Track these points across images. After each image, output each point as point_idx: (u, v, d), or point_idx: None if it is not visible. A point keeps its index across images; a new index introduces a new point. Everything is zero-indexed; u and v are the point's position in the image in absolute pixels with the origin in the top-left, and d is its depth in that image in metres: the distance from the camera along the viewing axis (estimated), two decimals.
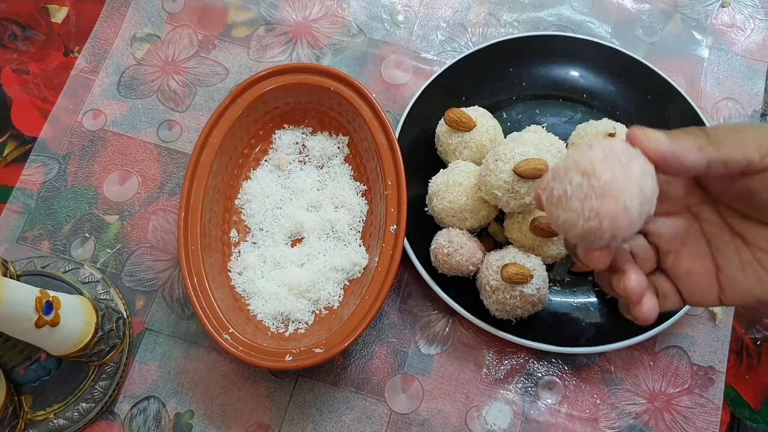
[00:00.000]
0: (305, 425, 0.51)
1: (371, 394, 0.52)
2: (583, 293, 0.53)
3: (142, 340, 0.53)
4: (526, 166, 0.46)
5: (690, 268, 0.36)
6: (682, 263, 0.37)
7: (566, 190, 0.31)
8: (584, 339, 0.51)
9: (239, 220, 0.56)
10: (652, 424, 0.51)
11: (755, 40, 0.64)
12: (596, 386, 0.52)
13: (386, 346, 0.53)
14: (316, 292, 0.52)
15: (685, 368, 0.53)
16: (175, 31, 0.64)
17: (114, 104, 0.61)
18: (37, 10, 0.64)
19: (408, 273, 0.55)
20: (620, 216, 0.30)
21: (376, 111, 0.53)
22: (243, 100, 0.54)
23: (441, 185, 0.51)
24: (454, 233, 0.50)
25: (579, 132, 0.55)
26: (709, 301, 0.36)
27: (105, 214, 0.57)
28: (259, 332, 0.51)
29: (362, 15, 0.64)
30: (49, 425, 0.49)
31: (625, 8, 0.65)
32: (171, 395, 0.52)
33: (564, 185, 0.31)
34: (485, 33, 0.64)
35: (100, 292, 0.53)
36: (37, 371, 0.48)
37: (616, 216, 0.30)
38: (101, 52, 0.63)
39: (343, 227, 0.54)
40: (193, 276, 0.49)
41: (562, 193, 0.31)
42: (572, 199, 0.31)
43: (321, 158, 0.57)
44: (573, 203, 0.31)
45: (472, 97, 0.58)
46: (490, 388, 0.52)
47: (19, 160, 0.59)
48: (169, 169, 0.59)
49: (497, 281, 0.48)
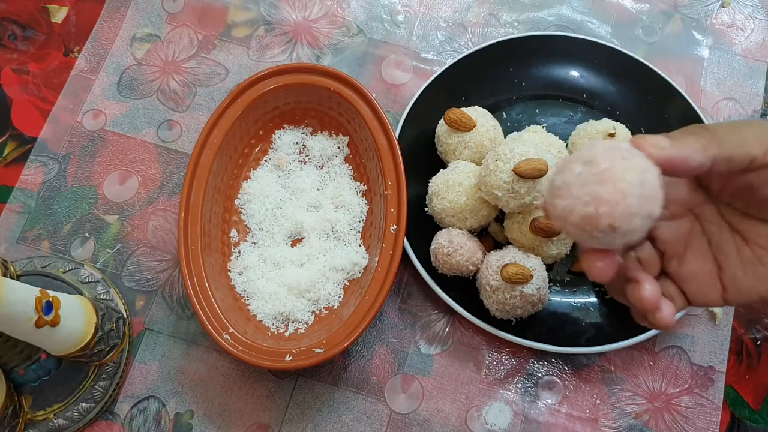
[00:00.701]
0: (305, 425, 0.51)
1: (371, 394, 0.52)
2: (583, 293, 0.53)
3: (142, 340, 0.53)
4: (526, 166, 0.46)
5: (693, 269, 0.36)
6: (686, 266, 0.37)
7: (566, 179, 0.31)
8: (584, 339, 0.51)
9: (239, 220, 0.56)
10: (652, 424, 0.51)
11: (755, 40, 0.64)
12: (596, 386, 0.52)
13: (386, 346, 0.53)
14: (316, 292, 0.52)
15: (685, 368, 0.53)
16: (175, 31, 0.64)
17: (114, 104, 0.61)
18: (37, 10, 0.64)
19: (408, 273, 0.55)
20: (617, 202, 0.29)
21: (376, 111, 0.53)
22: (243, 100, 0.54)
23: (441, 185, 0.51)
24: (454, 233, 0.50)
25: (579, 132, 0.55)
26: (714, 302, 0.36)
27: (105, 214, 0.57)
28: (259, 332, 0.51)
29: (362, 15, 0.64)
30: (49, 425, 0.49)
31: (625, 8, 0.65)
32: (171, 395, 0.52)
33: (564, 176, 0.31)
34: (485, 33, 0.64)
35: (100, 292, 0.53)
36: (37, 371, 0.48)
37: (613, 201, 0.29)
38: (101, 52, 0.63)
39: (343, 227, 0.54)
40: (193, 276, 0.49)
41: (561, 183, 0.31)
42: (572, 186, 0.31)
43: (321, 158, 0.57)
44: (572, 190, 0.31)
45: (472, 97, 0.58)
46: (490, 388, 0.52)
47: (19, 160, 0.59)
48: (169, 169, 0.59)
49: (497, 281, 0.48)
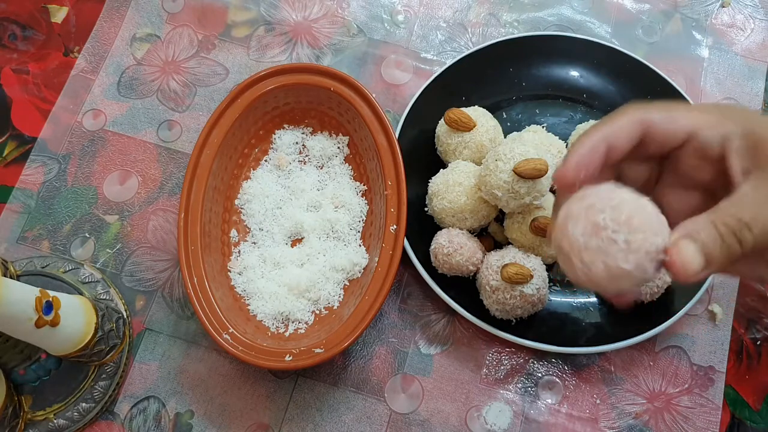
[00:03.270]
0: (305, 425, 0.51)
1: (371, 394, 0.52)
2: (583, 293, 0.53)
3: (142, 340, 0.53)
4: (526, 166, 0.46)
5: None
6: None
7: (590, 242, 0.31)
8: (584, 339, 0.51)
9: (239, 220, 0.56)
10: (652, 424, 0.51)
11: (755, 40, 0.64)
12: (596, 386, 0.52)
13: (386, 346, 0.53)
14: (316, 292, 0.52)
15: (685, 368, 0.53)
16: (175, 31, 0.64)
17: (114, 104, 0.61)
18: (37, 10, 0.64)
19: (408, 273, 0.55)
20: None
21: (376, 111, 0.53)
22: (243, 100, 0.54)
23: (441, 185, 0.51)
24: (454, 233, 0.50)
25: (579, 132, 0.55)
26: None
27: (105, 214, 0.57)
28: (259, 332, 0.51)
29: (362, 15, 0.64)
30: (49, 425, 0.49)
31: (625, 8, 0.65)
32: (171, 395, 0.52)
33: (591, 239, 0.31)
34: (485, 33, 0.64)
35: (100, 292, 0.53)
36: (37, 371, 0.48)
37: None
38: (101, 52, 0.63)
39: (343, 227, 0.54)
40: (193, 276, 0.49)
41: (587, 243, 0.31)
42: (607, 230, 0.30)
43: (321, 158, 0.57)
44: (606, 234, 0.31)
45: (472, 97, 0.58)
46: (490, 388, 0.52)
47: (19, 160, 0.59)
48: (169, 169, 0.59)
49: (497, 281, 0.48)
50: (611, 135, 0.34)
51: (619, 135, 0.34)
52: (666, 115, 0.34)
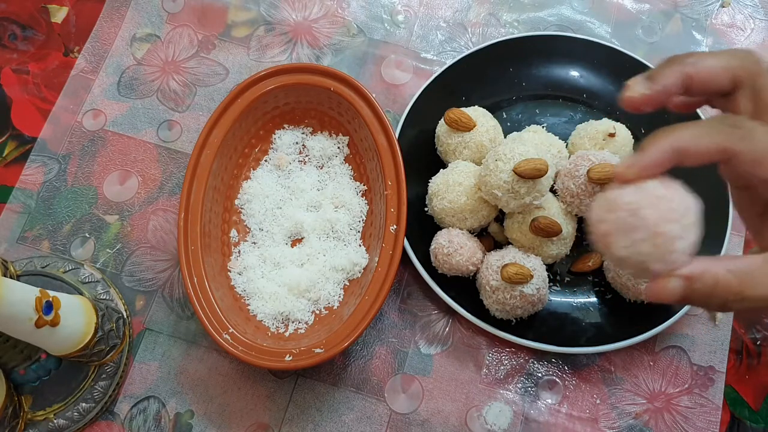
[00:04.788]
0: (305, 425, 0.51)
1: (371, 394, 0.52)
2: (583, 293, 0.53)
3: (142, 340, 0.53)
4: (526, 166, 0.46)
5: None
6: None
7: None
8: (584, 339, 0.51)
9: (239, 220, 0.56)
10: (652, 424, 0.51)
11: (755, 40, 0.64)
12: (596, 386, 0.52)
13: (386, 346, 0.53)
14: (316, 292, 0.52)
15: (685, 368, 0.53)
16: (175, 31, 0.64)
17: (114, 104, 0.61)
18: (37, 10, 0.64)
19: (408, 273, 0.55)
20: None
21: (376, 111, 0.53)
22: (243, 100, 0.54)
23: (441, 185, 0.51)
24: (454, 233, 0.50)
25: (579, 132, 0.55)
26: None
27: (105, 214, 0.57)
28: (259, 332, 0.51)
29: (362, 15, 0.64)
30: (49, 425, 0.49)
31: (625, 8, 0.65)
32: (171, 395, 0.52)
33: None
34: (485, 33, 0.64)
35: (100, 292, 0.53)
36: (37, 371, 0.48)
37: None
38: (101, 52, 0.63)
39: (343, 227, 0.54)
40: (193, 276, 0.49)
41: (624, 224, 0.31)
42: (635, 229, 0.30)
43: (321, 158, 0.57)
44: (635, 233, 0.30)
45: (472, 97, 0.58)
46: (490, 388, 0.52)
47: (19, 160, 0.59)
48: (169, 169, 0.59)
49: (497, 281, 0.48)
50: (687, 146, 0.31)
51: (695, 155, 0.32)
52: (755, 157, 0.31)
